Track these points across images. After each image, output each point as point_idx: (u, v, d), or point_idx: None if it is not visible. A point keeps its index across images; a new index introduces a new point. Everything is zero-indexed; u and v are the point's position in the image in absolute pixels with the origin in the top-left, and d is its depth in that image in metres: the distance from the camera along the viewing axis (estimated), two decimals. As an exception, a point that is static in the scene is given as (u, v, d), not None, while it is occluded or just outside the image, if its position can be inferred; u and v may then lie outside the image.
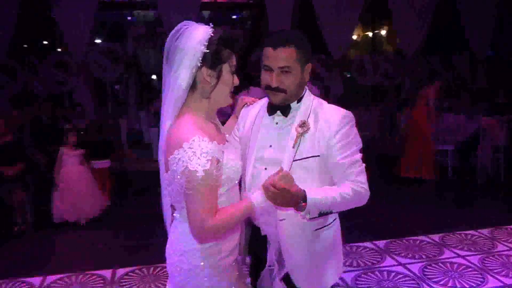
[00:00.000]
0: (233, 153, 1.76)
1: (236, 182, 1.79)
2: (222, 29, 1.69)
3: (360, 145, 1.90)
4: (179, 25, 1.67)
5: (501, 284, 3.68)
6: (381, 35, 13.05)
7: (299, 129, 1.85)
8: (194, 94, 1.70)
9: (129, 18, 12.50)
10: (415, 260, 4.18)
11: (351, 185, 1.81)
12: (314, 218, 1.76)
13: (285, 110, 1.91)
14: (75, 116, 8.39)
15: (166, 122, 1.70)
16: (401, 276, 3.88)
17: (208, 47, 1.63)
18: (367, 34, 13.07)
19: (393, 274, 3.92)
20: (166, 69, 1.69)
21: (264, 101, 2.04)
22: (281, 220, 1.89)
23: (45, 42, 11.53)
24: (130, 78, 10.76)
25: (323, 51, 9.75)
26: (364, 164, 1.88)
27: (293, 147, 1.83)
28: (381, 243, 4.59)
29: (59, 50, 10.93)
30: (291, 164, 1.83)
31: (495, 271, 3.91)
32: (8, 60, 9.18)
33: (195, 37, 1.63)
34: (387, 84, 10.82)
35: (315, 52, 10.17)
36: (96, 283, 3.92)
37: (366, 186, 1.85)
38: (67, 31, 9.28)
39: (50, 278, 4.00)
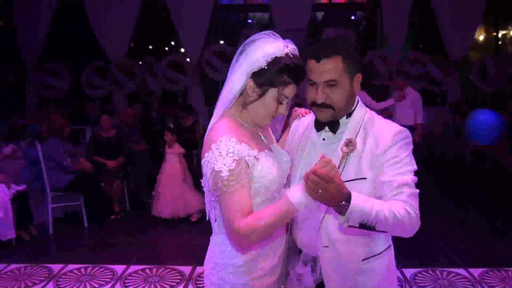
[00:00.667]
0: (272, 163, 1.62)
1: (276, 194, 1.65)
2: (298, 56, 1.62)
3: (415, 168, 1.62)
4: (262, 33, 1.64)
5: None
6: (506, 36, 11.76)
7: (345, 148, 1.63)
8: (238, 100, 1.67)
9: (250, 21, 12.76)
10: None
11: (404, 204, 1.51)
12: (353, 228, 1.47)
13: (334, 126, 1.70)
14: (185, 114, 8.63)
15: (212, 121, 1.68)
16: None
17: (268, 64, 1.57)
18: (491, 35, 11.87)
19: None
20: (231, 69, 1.67)
21: None
22: (325, 246, 1.68)
23: (163, 44, 12.17)
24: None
25: (440, 51, 9.03)
26: (418, 190, 1.58)
27: (338, 168, 1.57)
28: (476, 271, 3.95)
29: (181, 51, 11.44)
30: None
31: None
32: (127, 60, 9.79)
33: (264, 49, 1.58)
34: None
35: (432, 51, 9.65)
36: (173, 278, 3.92)
37: (418, 213, 1.54)
38: (183, 33, 9.69)
39: (133, 268, 4.09)
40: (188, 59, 10.02)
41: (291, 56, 1.60)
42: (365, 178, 1.60)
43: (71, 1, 10.11)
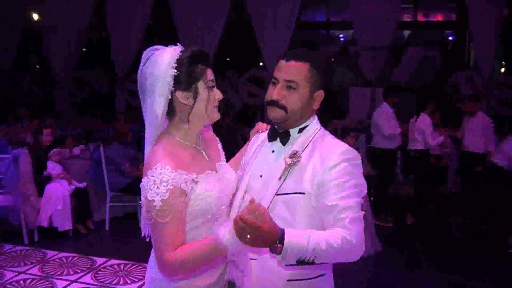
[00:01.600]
0: (212, 185, 1.59)
1: (217, 216, 1.65)
2: (191, 47, 1.62)
3: (363, 191, 1.59)
4: (147, 50, 1.62)
5: None
6: None
7: (289, 159, 1.60)
8: (174, 120, 1.64)
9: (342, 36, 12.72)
10: None
11: (342, 233, 1.46)
12: (292, 265, 1.46)
13: (285, 137, 1.69)
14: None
15: (147, 148, 1.67)
16: None
17: (177, 68, 1.56)
18: None
19: None
20: (141, 97, 1.65)
21: None
22: (251, 259, 1.63)
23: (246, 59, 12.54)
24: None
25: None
26: (363, 212, 1.54)
27: (279, 179, 1.59)
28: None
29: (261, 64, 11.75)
30: (273, 198, 1.60)
31: None
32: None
33: (163, 61, 1.56)
34: None
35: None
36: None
37: (360, 237, 1.49)
38: (265, 49, 9.94)
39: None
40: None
41: (184, 49, 1.60)
42: (303, 193, 1.57)
43: (159, 19, 10.85)
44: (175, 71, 1.55)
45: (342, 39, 12.35)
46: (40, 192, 5.00)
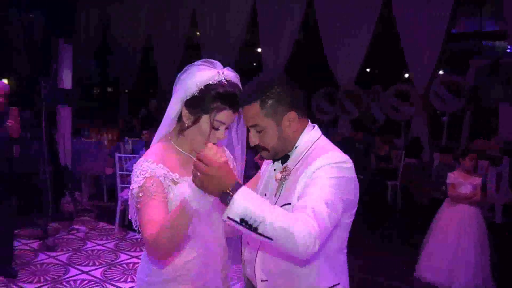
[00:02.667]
0: (191, 190, 1.42)
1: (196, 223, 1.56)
2: (234, 83, 1.65)
3: (344, 193, 1.48)
4: (198, 62, 1.70)
5: None
6: None
7: (278, 175, 1.63)
8: (177, 126, 1.74)
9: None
10: None
11: (298, 214, 1.37)
12: (234, 223, 1.33)
13: (284, 157, 1.70)
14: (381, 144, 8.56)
15: (152, 143, 1.77)
16: None
17: (200, 91, 1.63)
18: None
19: None
20: (172, 96, 1.75)
21: None
22: (263, 281, 1.63)
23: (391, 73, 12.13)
24: (466, 112, 10.07)
25: None
26: (333, 214, 1.41)
27: (275, 196, 1.62)
28: None
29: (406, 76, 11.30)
30: None
31: None
32: (355, 87, 10.16)
33: (196, 77, 1.65)
34: None
35: None
36: None
37: (312, 227, 1.33)
38: (412, 62, 9.54)
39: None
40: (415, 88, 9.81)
41: (225, 82, 1.63)
42: (289, 204, 1.54)
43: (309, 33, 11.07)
44: (197, 92, 1.63)
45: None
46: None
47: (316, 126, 1.71)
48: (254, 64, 12.73)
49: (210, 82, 1.62)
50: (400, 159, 8.15)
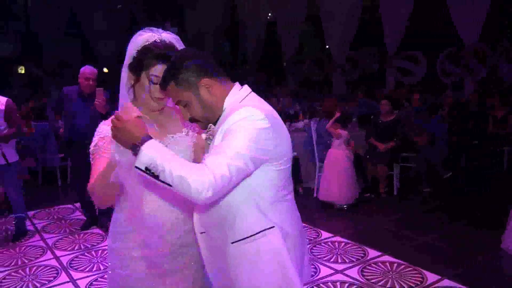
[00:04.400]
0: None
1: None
2: (168, 42, 1.77)
3: (254, 144, 1.52)
4: (144, 29, 1.81)
5: None
6: None
7: (205, 135, 1.74)
8: (131, 92, 1.85)
9: None
10: None
11: (195, 165, 1.49)
12: (141, 171, 1.46)
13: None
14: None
15: None
16: None
17: (137, 53, 1.75)
18: None
19: None
20: None
21: None
22: (201, 233, 1.72)
23: None
24: None
25: None
26: (237, 163, 1.48)
27: (204, 155, 1.71)
28: None
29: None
30: None
31: None
32: (480, 45, 9.39)
33: (136, 42, 1.78)
34: None
35: None
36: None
37: (210, 175, 1.43)
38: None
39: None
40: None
41: (158, 41, 1.74)
42: None
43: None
44: (136, 53, 1.76)
45: None
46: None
47: (246, 86, 1.73)
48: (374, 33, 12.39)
49: (146, 44, 1.74)
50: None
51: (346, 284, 3.43)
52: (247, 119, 1.53)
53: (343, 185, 5.37)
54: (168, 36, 1.80)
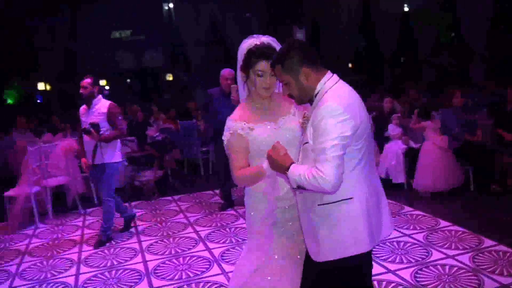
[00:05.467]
0: (264, 130, 2.22)
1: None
2: (267, 44, 2.22)
3: (336, 136, 1.90)
4: (248, 37, 2.33)
5: None
6: None
7: (301, 120, 2.18)
8: (245, 88, 2.37)
9: None
10: None
11: (313, 171, 1.91)
12: (299, 188, 1.99)
13: (311, 101, 2.15)
14: None
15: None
16: None
17: (244, 56, 2.24)
18: None
19: None
20: None
21: None
22: (300, 192, 2.14)
23: None
24: None
25: None
26: (335, 154, 1.89)
27: (302, 134, 2.16)
28: None
29: None
30: (300, 147, 2.13)
31: None
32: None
33: (242, 47, 2.28)
34: None
35: None
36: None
37: (324, 174, 1.88)
38: None
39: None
40: None
41: (258, 44, 2.21)
42: (308, 142, 2.03)
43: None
44: (243, 57, 2.25)
45: None
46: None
47: (335, 76, 2.08)
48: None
49: (250, 48, 2.23)
50: None
51: (455, 268, 3.55)
52: (331, 115, 1.91)
53: (438, 173, 5.56)
54: (266, 39, 2.26)
